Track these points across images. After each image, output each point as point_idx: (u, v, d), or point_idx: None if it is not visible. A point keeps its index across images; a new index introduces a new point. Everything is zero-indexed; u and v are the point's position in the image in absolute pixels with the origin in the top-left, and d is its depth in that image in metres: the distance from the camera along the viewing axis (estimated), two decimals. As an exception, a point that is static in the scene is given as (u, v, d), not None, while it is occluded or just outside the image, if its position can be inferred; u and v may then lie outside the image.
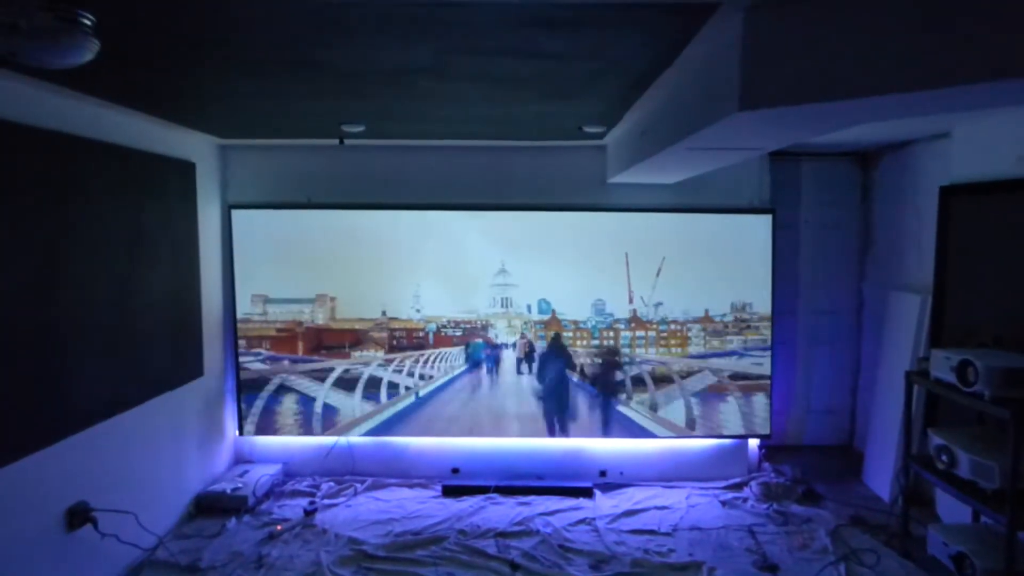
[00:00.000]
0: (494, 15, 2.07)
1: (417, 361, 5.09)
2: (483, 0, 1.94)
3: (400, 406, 5.04)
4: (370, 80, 2.88)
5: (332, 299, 5.04)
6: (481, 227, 4.89)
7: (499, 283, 5.02)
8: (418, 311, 5.03)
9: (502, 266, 4.98)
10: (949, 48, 1.82)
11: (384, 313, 5.06)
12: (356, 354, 5.10)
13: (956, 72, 1.82)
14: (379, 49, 2.43)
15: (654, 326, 5.04)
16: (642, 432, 4.93)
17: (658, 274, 4.89)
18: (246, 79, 2.87)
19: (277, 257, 4.88)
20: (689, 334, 5.00)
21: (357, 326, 5.12)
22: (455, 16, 2.08)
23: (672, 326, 5.02)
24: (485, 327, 5.08)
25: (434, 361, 5.13)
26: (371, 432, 4.99)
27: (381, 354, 5.09)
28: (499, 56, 2.51)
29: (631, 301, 4.98)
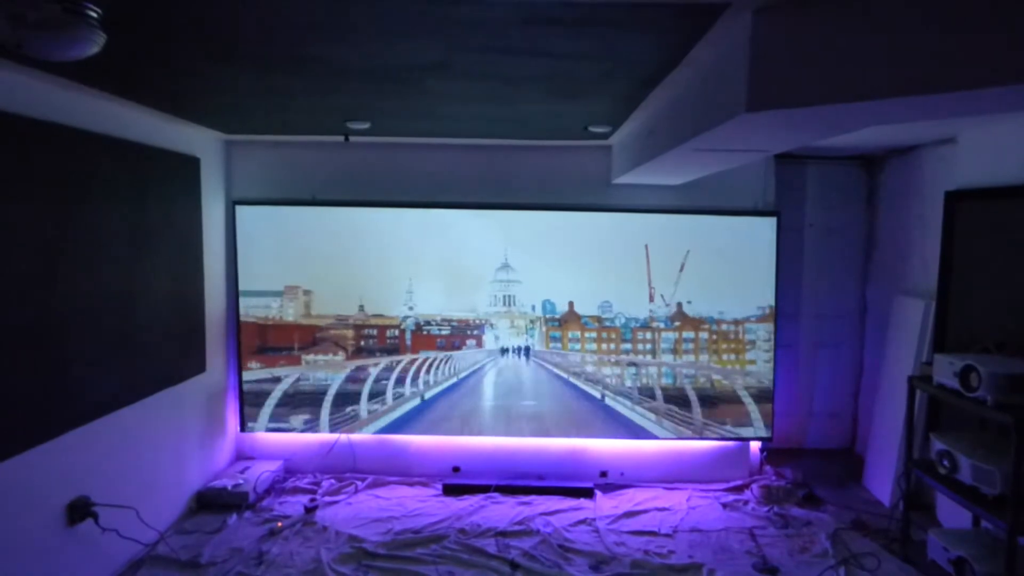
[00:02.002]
0: (503, 13, 2.07)
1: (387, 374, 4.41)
2: (491, -1, 1.94)
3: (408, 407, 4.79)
4: (377, 78, 2.88)
5: (306, 292, 4.73)
6: (483, 225, 4.83)
7: (501, 279, 4.80)
8: (411, 308, 4.82)
9: (505, 260, 4.75)
10: (958, 52, 1.81)
11: (362, 308, 4.62)
12: (309, 359, 4.53)
13: (965, 76, 1.81)
14: (387, 47, 2.43)
15: (706, 326, 4.47)
16: (641, 432, 4.85)
17: (681, 269, 4.57)
18: (252, 75, 2.87)
19: (276, 253, 4.81)
20: (749, 337, 4.50)
21: (319, 323, 4.55)
22: (464, 14, 2.07)
23: (724, 326, 4.46)
24: (480, 326, 4.79)
25: (414, 373, 4.49)
26: (383, 430, 4.85)
27: (340, 358, 4.53)
28: (507, 55, 2.50)
29: (652, 299, 4.64)
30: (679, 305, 4.64)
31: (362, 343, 4.65)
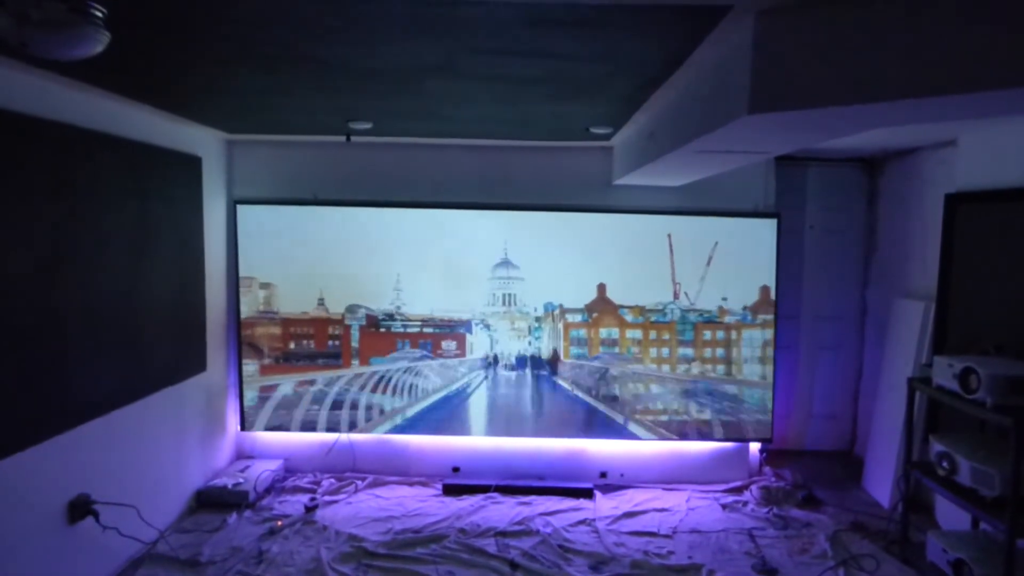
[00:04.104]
0: (505, 15, 2.07)
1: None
2: (494, 0, 1.94)
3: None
4: (379, 78, 2.88)
5: (265, 286, 4.41)
6: (483, 225, 4.78)
7: (500, 276, 4.51)
8: (398, 308, 4.67)
9: (505, 256, 4.46)
10: (960, 55, 1.82)
11: (321, 302, 4.17)
12: None
13: (964, 80, 1.82)
14: (389, 47, 2.44)
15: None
16: (631, 437, 4.76)
17: (709, 263, 4.12)
18: (255, 74, 2.88)
19: (274, 252, 4.77)
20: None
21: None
22: (466, 15, 2.08)
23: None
24: (466, 323, 4.46)
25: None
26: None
27: (252, 368, 3.85)
28: (509, 56, 2.51)
29: (676, 296, 4.17)
30: (764, 290, 3.85)
31: (291, 346, 3.82)
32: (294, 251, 4.82)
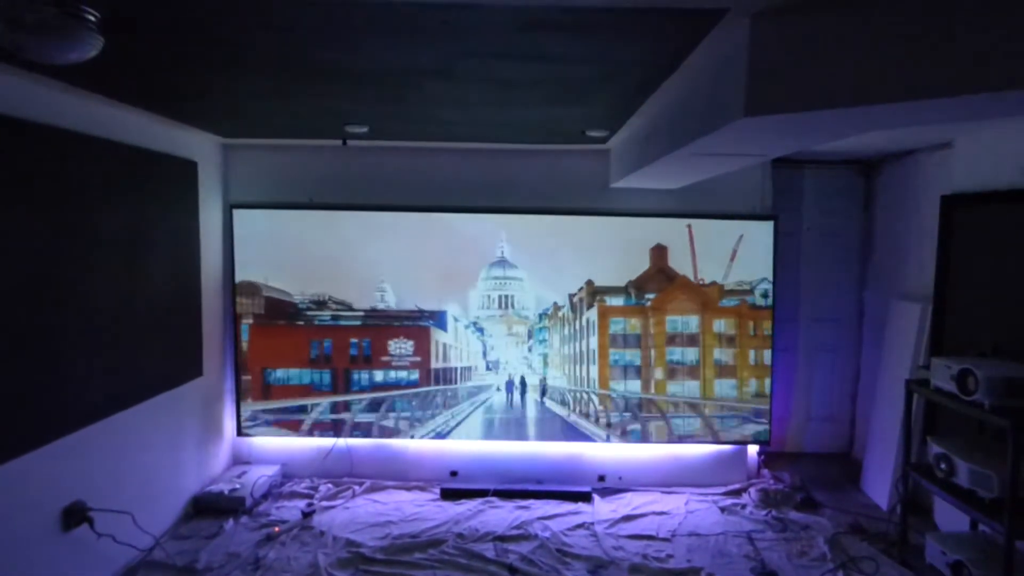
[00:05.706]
0: (501, 19, 2.07)
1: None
2: (490, 3, 1.93)
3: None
4: (375, 82, 2.88)
5: None
6: (480, 228, 4.74)
7: (496, 276, 4.42)
8: (332, 297, 4.63)
9: (501, 254, 4.35)
10: (955, 58, 1.82)
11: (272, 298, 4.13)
12: None
13: (961, 82, 1.82)
14: (385, 51, 2.43)
15: None
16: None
17: (733, 258, 4.00)
18: (250, 78, 2.87)
19: (271, 254, 4.75)
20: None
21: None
22: (462, 19, 2.07)
23: None
24: (437, 315, 4.22)
25: None
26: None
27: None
28: (505, 59, 2.51)
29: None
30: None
31: None
32: (288, 254, 4.80)
